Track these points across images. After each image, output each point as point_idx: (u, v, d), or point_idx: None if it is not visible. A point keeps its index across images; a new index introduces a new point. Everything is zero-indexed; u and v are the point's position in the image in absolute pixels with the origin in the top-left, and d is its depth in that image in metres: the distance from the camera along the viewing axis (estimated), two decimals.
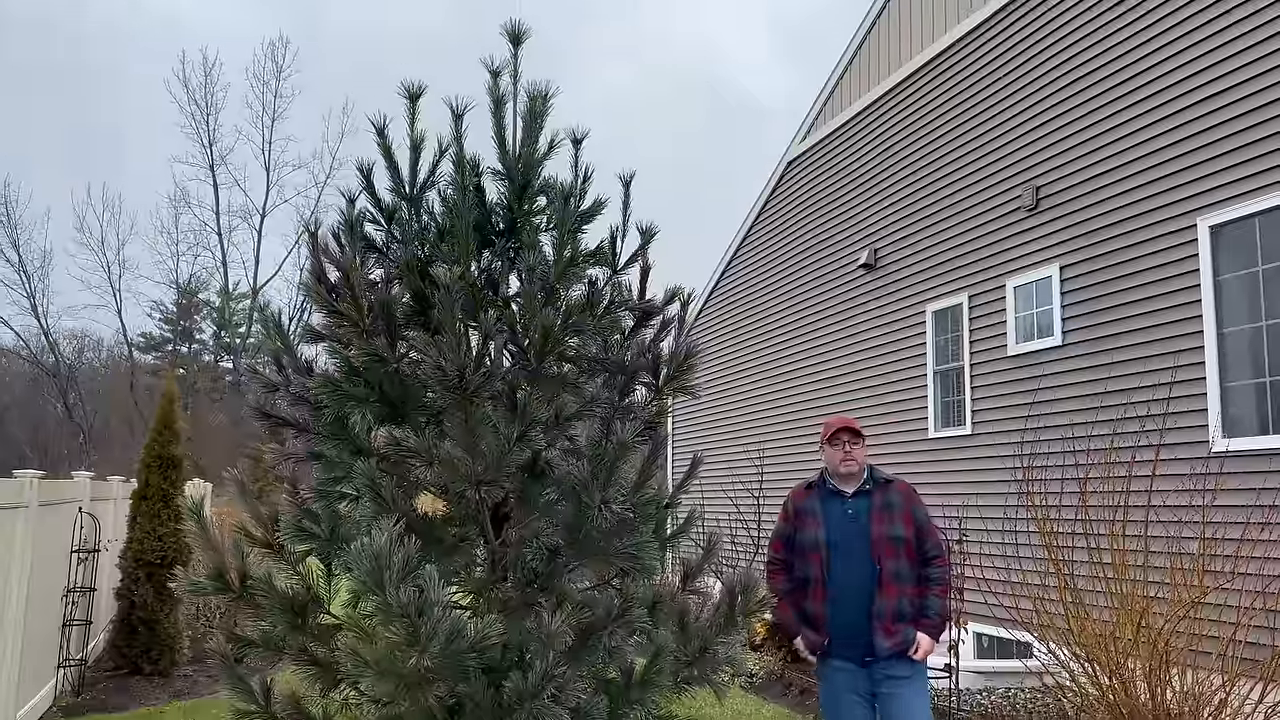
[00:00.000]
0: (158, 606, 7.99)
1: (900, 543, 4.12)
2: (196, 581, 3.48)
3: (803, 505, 4.36)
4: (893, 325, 11.22)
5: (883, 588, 4.05)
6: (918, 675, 4.09)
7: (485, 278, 3.92)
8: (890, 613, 4.05)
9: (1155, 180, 7.61)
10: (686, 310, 4.25)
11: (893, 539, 4.11)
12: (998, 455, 8.72)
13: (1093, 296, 8.18)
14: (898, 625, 4.05)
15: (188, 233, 53.63)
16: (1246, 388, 6.74)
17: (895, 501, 4.18)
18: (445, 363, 3.17)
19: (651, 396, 4.02)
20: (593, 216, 3.88)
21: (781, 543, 4.39)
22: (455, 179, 3.63)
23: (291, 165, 75.27)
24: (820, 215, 13.16)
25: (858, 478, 4.26)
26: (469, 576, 3.64)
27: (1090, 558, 5.68)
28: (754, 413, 14.57)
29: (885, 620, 4.04)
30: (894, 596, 4.06)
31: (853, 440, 4.25)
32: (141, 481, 8.30)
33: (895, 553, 4.10)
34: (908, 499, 4.21)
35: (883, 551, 4.08)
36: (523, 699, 2.98)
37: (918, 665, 4.09)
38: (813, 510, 4.30)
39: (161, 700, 7.46)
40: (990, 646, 9.17)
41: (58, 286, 52.16)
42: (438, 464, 3.41)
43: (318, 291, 3.47)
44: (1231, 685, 5.02)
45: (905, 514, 4.16)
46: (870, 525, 4.13)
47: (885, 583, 4.06)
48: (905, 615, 4.07)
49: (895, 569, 4.08)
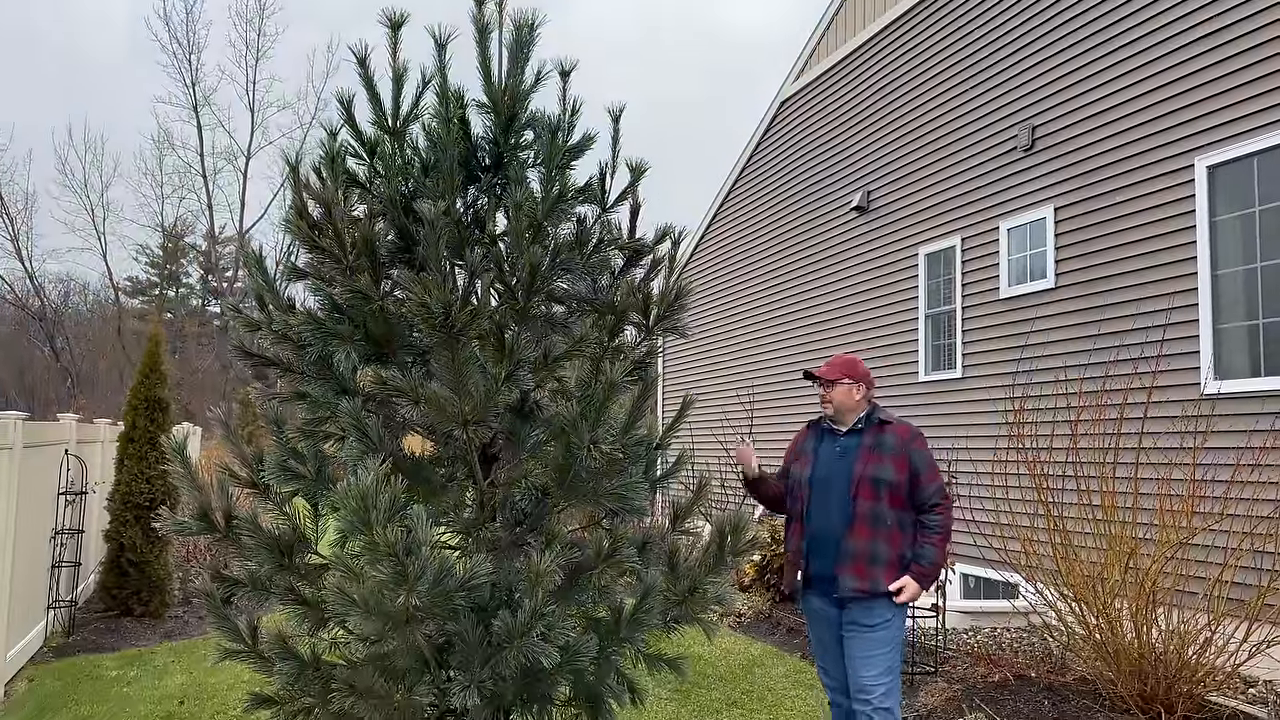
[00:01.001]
0: (147, 549, 7.99)
1: (884, 485, 4.00)
2: (181, 522, 3.44)
3: (802, 443, 4.35)
4: (885, 268, 11.15)
5: (853, 528, 3.97)
6: (883, 627, 3.96)
7: (471, 215, 3.84)
8: (859, 554, 3.95)
9: (1153, 120, 7.50)
10: (677, 249, 4.17)
11: (875, 480, 4.00)
12: (988, 399, 8.73)
13: (1086, 239, 8.12)
14: (872, 569, 3.94)
15: (172, 175, 53.03)
16: (1238, 330, 6.72)
17: (888, 444, 4.07)
18: (431, 300, 3.10)
19: (641, 337, 3.96)
20: (581, 151, 3.78)
21: (783, 479, 4.38)
22: (439, 111, 3.52)
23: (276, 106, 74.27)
24: (813, 156, 13.00)
25: (850, 417, 4.19)
26: (457, 517, 3.61)
27: (1080, 499, 5.70)
28: (745, 356, 14.55)
29: (852, 561, 3.95)
30: (866, 538, 3.96)
31: (823, 385, 4.23)
32: (128, 424, 8.25)
33: (874, 495, 3.98)
34: (906, 443, 4.07)
35: (860, 492, 3.99)
36: (512, 637, 2.96)
37: (887, 617, 3.96)
38: (806, 448, 4.29)
39: (152, 641, 7.49)
40: (977, 587, 9.27)
41: (41, 229, 51.53)
42: (424, 403, 3.36)
43: (299, 227, 3.39)
44: (1217, 624, 5.06)
45: (899, 458, 4.03)
46: (853, 464, 4.05)
47: (857, 524, 3.97)
48: (880, 559, 3.95)
49: (872, 511, 3.98)
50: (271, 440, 3.62)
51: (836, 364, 4.28)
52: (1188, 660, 5.09)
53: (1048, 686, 5.74)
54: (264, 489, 3.57)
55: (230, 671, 6.30)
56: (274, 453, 3.53)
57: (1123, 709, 5.19)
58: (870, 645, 3.94)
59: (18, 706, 5.72)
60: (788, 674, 6.52)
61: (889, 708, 3.88)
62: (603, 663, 3.48)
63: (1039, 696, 5.61)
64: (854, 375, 4.21)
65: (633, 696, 3.86)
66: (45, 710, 5.63)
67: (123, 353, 35.70)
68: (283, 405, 3.65)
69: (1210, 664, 5.10)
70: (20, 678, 6.40)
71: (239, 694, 5.61)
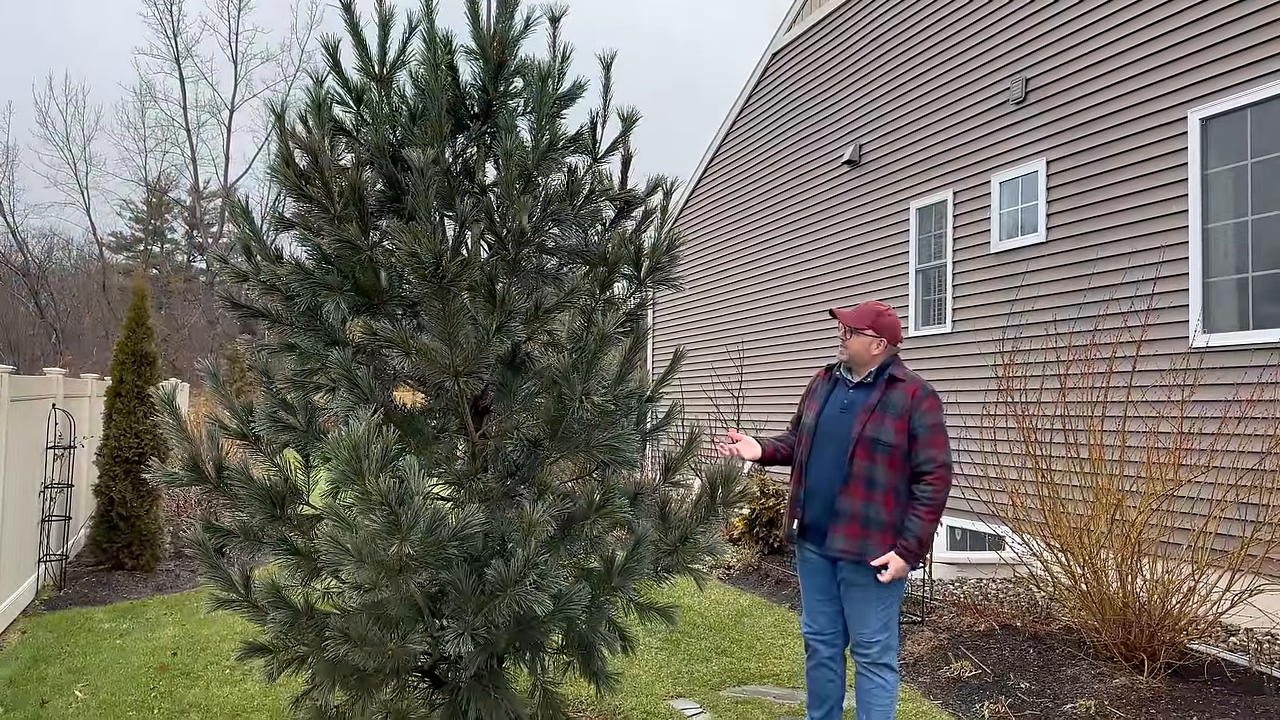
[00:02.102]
0: (137, 503, 7.99)
1: (882, 448, 3.84)
2: (172, 473, 3.44)
3: (815, 387, 4.22)
4: (876, 223, 11.10)
5: (847, 488, 3.86)
6: (874, 587, 3.85)
7: (460, 164, 3.79)
8: (853, 515, 3.85)
9: (1147, 72, 7.45)
10: (669, 201, 4.14)
11: (872, 441, 3.84)
12: (978, 353, 8.75)
13: (1078, 192, 8.09)
14: (865, 532, 3.83)
15: (155, 128, 52.15)
16: (1228, 283, 6.73)
17: (894, 403, 3.88)
18: (421, 250, 3.08)
19: (633, 289, 3.94)
20: (572, 100, 3.73)
21: (794, 423, 4.29)
22: (427, 58, 3.46)
23: (259, 58, 73.06)
24: (804, 109, 12.89)
25: (864, 369, 4.03)
26: (449, 468, 3.62)
27: (1068, 452, 5.74)
28: (736, 311, 14.53)
29: (846, 522, 3.86)
30: (859, 499, 3.84)
31: (844, 333, 4.08)
32: (115, 379, 8.21)
33: (870, 456, 3.84)
34: (913, 404, 3.85)
35: (857, 452, 3.86)
36: (505, 585, 2.98)
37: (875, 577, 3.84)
38: (819, 394, 4.16)
39: (144, 594, 7.52)
40: (963, 539, 9.36)
41: (23, 183, 50.89)
42: (415, 355, 3.34)
43: (286, 175, 3.34)
44: (1200, 574, 5.13)
45: (901, 419, 3.85)
46: (854, 421, 3.91)
47: (851, 484, 3.85)
48: (873, 522, 3.83)
49: (868, 473, 3.84)
50: (261, 393, 3.61)
51: (865, 311, 4.06)
52: (1171, 609, 5.16)
53: (1033, 635, 5.83)
54: (254, 440, 3.56)
55: (223, 623, 6.33)
56: (264, 404, 3.52)
57: (1106, 657, 5.28)
58: (864, 603, 3.89)
59: (11, 658, 5.75)
60: (776, 624, 6.59)
61: (887, 663, 3.89)
62: (594, 611, 3.51)
63: (1024, 645, 5.70)
64: (878, 328, 3.99)
65: (624, 644, 3.90)
66: (39, 661, 5.66)
67: (108, 309, 35.43)
68: (272, 357, 3.63)
69: (1193, 613, 5.18)
70: (13, 629, 6.42)
71: (231, 645, 5.64)
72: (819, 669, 4.10)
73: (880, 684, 3.89)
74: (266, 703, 4.91)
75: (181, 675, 5.43)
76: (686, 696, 5.12)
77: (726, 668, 5.62)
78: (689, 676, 5.46)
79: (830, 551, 3.91)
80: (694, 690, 5.22)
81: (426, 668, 3.62)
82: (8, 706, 4.89)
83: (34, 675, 5.40)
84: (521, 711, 3.50)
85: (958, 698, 5.07)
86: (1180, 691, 4.86)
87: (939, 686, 5.26)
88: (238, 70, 42.40)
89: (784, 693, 5.17)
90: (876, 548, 3.82)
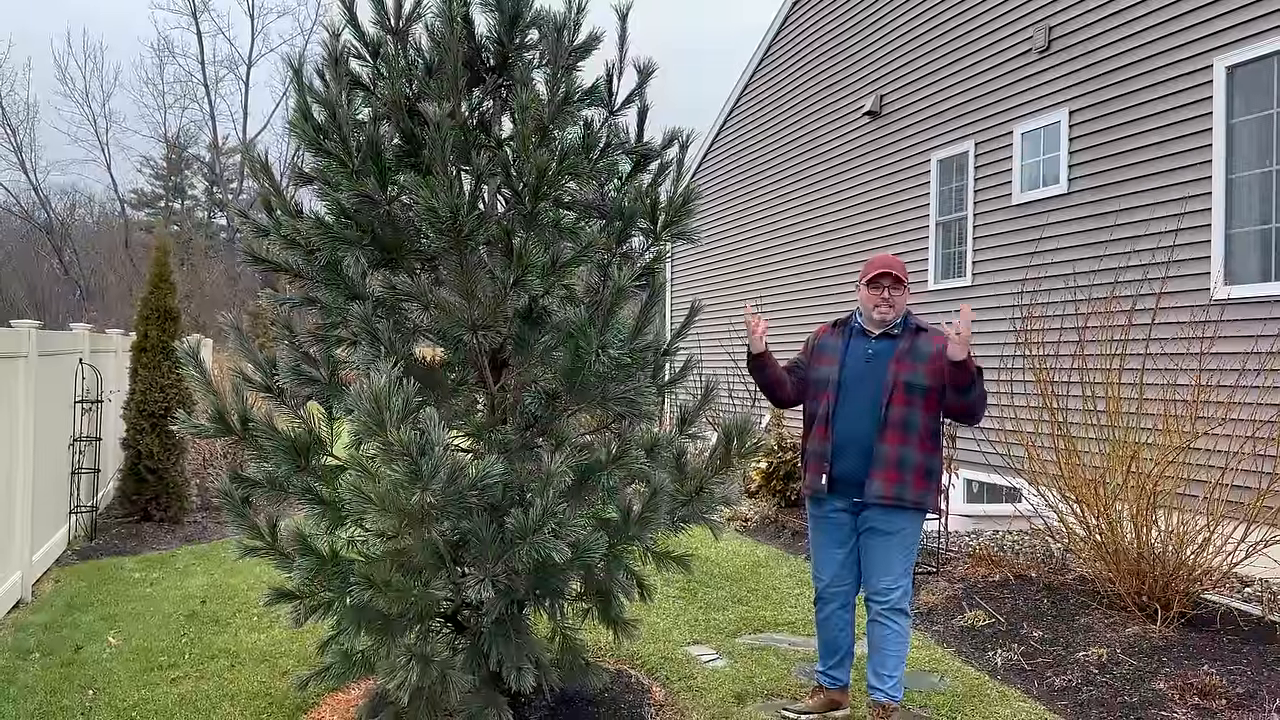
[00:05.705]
0: (163, 455, 8.14)
1: (919, 392, 3.91)
2: (199, 424, 3.51)
3: (823, 341, 4.21)
4: (897, 175, 11.01)
5: (884, 434, 3.89)
6: (900, 534, 3.95)
7: (477, 118, 3.80)
8: (890, 460, 3.89)
9: (1172, 19, 7.31)
10: (686, 153, 4.12)
11: (909, 385, 3.90)
12: (998, 306, 8.71)
13: (1101, 142, 7.99)
14: (902, 475, 3.88)
15: (174, 84, 52.21)
16: (1251, 234, 6.66)
17: (924, 350, 3.96)
18: (438, 203, 3.11)
19: (649, 243, 3.96)
20: (588, 51, 3.72)
21: (791, 370, 4.25)
22: (442, 10, 3.45)
23: (276, 12, 72.63)
24: (825, 59, 12.72)
25: (890, 320, 4.06)
26: (469, 420, 3.67)
27: (1085, 405, 5.74)
28: (754, 266, 14.49)
29: (884, 467, 3.89)
30: (896, 444, 3.89)
31: (894, 286, 4.04)
32: (140, 334, 8.32)
33: (907, 400, 3.91)
34: (943, 350, 3.86)
35: (894, 398, 3.90)
36: (524, 534, 3.04)
37: (904, 525, 3.94)
38: (833, 348, 4.14)
39: (173, 545, 7.68)
40: (980, 492, 9.40)
41: (44, 140, 51.07)
42: (434, 308, 3.39)
43: (304, 130, 3.36)
44: (1215, 526, 5.15)
45: (934, 365, 3.90)
46: (887, 368, 3.95)
47: (889, 429, 3.89)
48: (909, 465, 3.89)
49: (905, 417, 3.89)
50: (284, 346, 3.67)
51: (900, 265, 4.11)
52: (1185, 560, 5.19)
53: (1047, 585, 5.88)
54: (278, 393, 3.62)
55: (250, 573, 6.48)
56: (287, 357, 3.57)
57: (1120, 607, 5.33)
58: (888, 550, 3.94)
59: (45, 605, 5.92)
60: (791, 574, 6.67)
61: (903, 608, 3.96)
62: (612, 559, 3.58)
63: (1038, 595, 5.75)
64: (906, 279, 4.13)
65: (641, 592, 3.98)
66: (73, 609, 5.82)
67: (130, 265, 35.69)
68: (294, 311, 3.68)
69: (1207, 564, 5.21)
70: (47, 579, 6.60)
71: (259, 593, 5.76)
72: (831, 618, 4.15)
73: (896, 630, 3.95)
74: (293, 648, 5.05)
75: (210, 622, 5.57)
76: (703, 643, 5.21)
77: (743, 616, 5.71)
78: (706, 624, 5.56)
79: (869, 498, 3.92)
80: (710, 637, 5.32)
81: (449, 613, 3.71)
82: (44, 652, 5.05)
83: (68, 622, 5.56)
84: (542, 656, 3.59)
85: (971, 645, 5.14)
86: (1193, 640, 4.91)
87: (952, 635, 5.33)
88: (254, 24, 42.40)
89: (799, 640, 5.25)
90: (911, 490, 3.91)
